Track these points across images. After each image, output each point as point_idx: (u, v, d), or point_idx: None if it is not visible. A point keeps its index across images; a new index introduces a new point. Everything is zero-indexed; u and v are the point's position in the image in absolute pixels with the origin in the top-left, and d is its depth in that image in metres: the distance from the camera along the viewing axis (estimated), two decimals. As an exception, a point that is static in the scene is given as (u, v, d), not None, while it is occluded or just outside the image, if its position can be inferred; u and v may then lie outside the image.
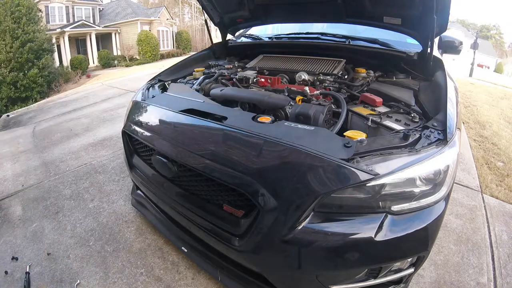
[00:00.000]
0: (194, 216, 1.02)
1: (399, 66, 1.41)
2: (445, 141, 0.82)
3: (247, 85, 1.43)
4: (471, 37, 23.72)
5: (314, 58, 1.55)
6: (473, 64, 15.02)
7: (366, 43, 1.56)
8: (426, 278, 1.29)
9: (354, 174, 0.73)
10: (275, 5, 1.67)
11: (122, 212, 1.68)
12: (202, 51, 2.05)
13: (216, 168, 0.90)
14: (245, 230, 0.88)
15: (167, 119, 1.13)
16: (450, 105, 0.98)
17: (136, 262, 1.33)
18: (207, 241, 1.03)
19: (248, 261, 0.93)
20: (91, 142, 2.78)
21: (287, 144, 0.81)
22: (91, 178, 2.07)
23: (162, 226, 1.34)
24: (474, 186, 2.20)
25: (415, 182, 0.77)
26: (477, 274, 1.34)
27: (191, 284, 1.23)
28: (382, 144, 0.81)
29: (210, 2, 1.75)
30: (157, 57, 14.35)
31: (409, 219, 0.79)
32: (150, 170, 1.23)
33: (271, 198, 0.78)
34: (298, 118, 1.01)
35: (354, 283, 0.86)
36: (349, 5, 1.40)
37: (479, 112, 4.81)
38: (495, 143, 3.23)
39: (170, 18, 18.09)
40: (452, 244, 1.51)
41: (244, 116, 0.99)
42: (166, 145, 1.04)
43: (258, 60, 1.71)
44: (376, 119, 0.98)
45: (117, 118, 3.53)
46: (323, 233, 0.77)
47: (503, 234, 1.64)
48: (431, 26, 1.11)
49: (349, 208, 0.78)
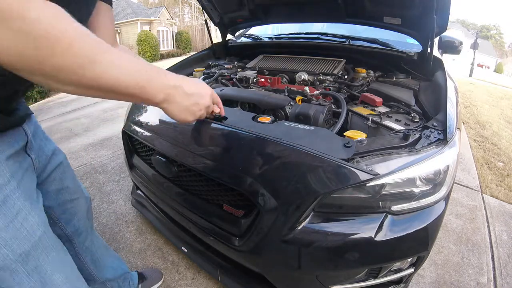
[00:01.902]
0: (194, 216, 1.02)
1: (399, 66, 1.41)
2: (445, 141, 0.82)
3: (247, 85, 1.43)
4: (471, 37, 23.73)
5: (314, 58, 1.55)
6: (473, 64, 15.04)
7: (366, 43, 1.56)
8: (426, 278, 1.29)
9: (354, 174, 0.73)
10: (275, 5, 1.66)
11: (122, 212, 1.68)
12: (202, 51, 2.04)
13: (216, 168, 0.90)
14: (245, 230, 0.88)
15: (167, 119, 1.12)
16: (450, 105, 0.97)
17: (136, 262, 1.33)
18: (207, 241, 1.03)
19: (248, 261, 0.93)
20: (91, 142, 2.78)
21: (287, 144, 0.81)
22: (91, 178, 2.07)
23: (162, 226, 1.34)
24: (474, 186, 2.20)
25: (415, 182, 0.77)
26: (477, 274, 1.34)
27: (191, 284, 1.23)
28: (382, 144, 0.81)
29: (210, 2, 1.75)
30: (157, 57, 14.34)
31: (409, 219, 0.79)
32: (150, 170, 1.23)
33: (271, 198, 0.78)
34: (298, 118, 1.01)
35: (354, 283, 0.86)
36: (349, 5, 1.39)
37: (479, 112, 4.81)
38: (495, 143, 3.23)
39: (170, 18, 18.09)
40: (452, 244, 1.52)
41: (244, 116, 0.99)
42: (166, 145, 1.04)
43: (258, 60, 1.71)
44: (376, 119, 0.98)
45: (117, 118, 3.53)
46: (323, 233, 0.77)
47: (503, 234, 1.65)
48: (431, 26, 1.11)
49: (349, 208, 0.78)
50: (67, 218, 0.78)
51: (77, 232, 0.82)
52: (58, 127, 3.31)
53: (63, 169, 0.76)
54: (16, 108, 0.56)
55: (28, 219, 0.50)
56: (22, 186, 0.51)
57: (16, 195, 0.49)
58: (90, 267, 0.89)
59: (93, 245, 0.90)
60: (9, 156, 0.50)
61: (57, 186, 0.73)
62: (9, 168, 0.49)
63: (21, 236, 0.48)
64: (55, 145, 0.75)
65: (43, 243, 0.52)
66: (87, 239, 0.87)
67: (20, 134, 0.56)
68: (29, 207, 0.50)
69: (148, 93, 0.46)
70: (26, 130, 0.59)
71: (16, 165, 0.52)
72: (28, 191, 0.53)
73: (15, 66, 0.33)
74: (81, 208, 0.83)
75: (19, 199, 0.49)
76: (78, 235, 0.83)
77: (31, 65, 0.34)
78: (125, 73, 0.41)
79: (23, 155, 0.57)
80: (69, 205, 0.78)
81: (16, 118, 0.54)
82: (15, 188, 0.49)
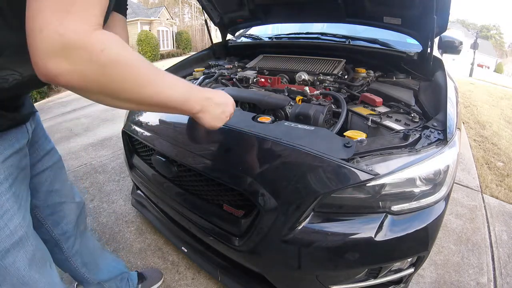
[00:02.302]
0: (194, 216, 1.02)
1: (399, 66, 1.41)
2: (445, 141, 0.82)
3: (247, 85, 1.43)
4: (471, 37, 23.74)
5: (314, 58, 1.54)
6: (473, 64, 15.04)
7: (366, 43, 1.56)
8: (426, 278, 1.29)
9: (354, 174, 0.73)
10: (275, 5, 1.66)
11: (122, 212, 1.68)
12: (202, 51, 2.04)
13: (216, 168, 0.90)
14: (245, 230, 0.88)
15: (167, 119, 1.12)
16: (450, 105, 0.97)
17: (136, 262, 1.33)
18: (207, 241, 1.03)
19: (248, 261, 0.93)
20: (91, 142, 2.78)
21: (287, 144, 0.81)
22: (91, 178, 2.07)
23: (162, 226, 1.34)
24: (474, 186, 2.20)
25: (415, 182, 0.77)
26: (477, 274, 1.34)
27: (191, 284, 1.23)
28: (382, 144, 0.81)
29: (210, 2, 1.75)
30: (157, 57, 14.33)
31: (409, 219, 0.79)
32: (150, 170, 1.23)
33: (271, 198, 0.78)
34: (298, 118, 1.01)
35: (354, 283, 0.86)
36: (349, 5, 1.39)
37: (479, 112, 4.81)
38: (495, 143, 3.23)
39: (170, 18, 18.08)
40: (452, 244, 1.52)
41: (244, 116, 0.99)
42: (166, 145, 1.04)
43: (258, 60, 1.71)
44: (376, 119, 0.98)
45: (117, 118, 3.53)
46: (323, 233, 0.77)
47: (503, 234, 1.65)
48: (431, 26, 1.11)
49: (349, 208, 0.78)
50: (54, 220, 0.78)
51: (65, 236, 0.82)
52: (58, 127, 3.31)
53: (57, 170, 0.77)
54: (21, 104, 0.58)
55: (13, 220, 0.53)
56: (14, 186, 0.54)
57: (6, 197, 0.52)
58: (81, 270, 0.89)
59: (84, 248, 0.89)
60: (7, 156, 0.52)
61: (48, 188, 0.74)
62: (5, 170, 0.52)
63: (4, 235, 0.52)
64: (54, 145, 0.77)
65: (23, 243, 0.56)
66: (76, 243, 0.86)
67: (23, 133, 0.58)
68: (16, 209, 0.54)
69: (189, 106, 0.54)
70: (28, 128, 0.61)
71: (14, 165, 0.54)
72: (19, 192, 0.56)
73: (86, 88, 0.39)
74: (71, 212, 0.82)
75: (8, 200, 0.52)
76: (66, 239, 0.82)
77: (98, 87, 0.39)
78: (176, 92, 0.50)
79: (22, 153, 0.58)
80: (58, 207, 0.78)
81: (21, 116, 0.56)
82: (6, 190, 0.52)
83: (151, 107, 0.48)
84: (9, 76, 0.46)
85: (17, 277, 0.55)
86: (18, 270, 0.55)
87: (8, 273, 0.54)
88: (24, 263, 0.56)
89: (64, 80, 0.36)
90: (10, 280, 0.55)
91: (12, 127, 0.53)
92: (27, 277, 0.57)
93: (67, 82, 0.36)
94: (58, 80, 0.35)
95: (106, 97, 0.42)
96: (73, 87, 0.38)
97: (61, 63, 0.34)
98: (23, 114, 0.58)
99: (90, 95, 0.41)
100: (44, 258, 0.64)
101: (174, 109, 0.51)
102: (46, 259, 0.65)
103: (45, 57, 0.33)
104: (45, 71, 0.34)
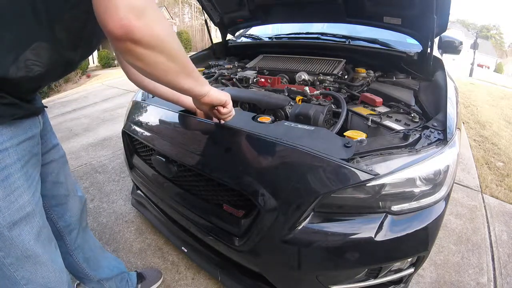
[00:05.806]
0: (194, 216, 1.02)
1: (399, 66, 1.41)
2: (445, 141, 0.82)
3: (247, 85, 1.43)
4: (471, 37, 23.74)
5: (314, 58, 1.55)
6: (473, 64, 15.04)
7: (366, 43, 1.56)
8: (426, 278, 1.29)
9: (354, 174, 0.73)
10: (275, 5, 1.66)
11: (122, 212, 1.68)
12: (202, 51, 2.05)
13: (215, 168, 0.90)
14: (245, 230, 0.88)
15: (167, 119, 1.13)
16: (450, 105, 0.97)
17: (136, 262, 1.33)
18: (207, 241, 1.03)
19: (248, 261, 0.93)
20: (91, 142, 2.78)
21: (287, 144, 0.81)
22: (91, 178, 2.07)
23: (162, 226, 1.34)
24: (474, 186, 2.20)
25: (415, 182, 0.77)
26: (477, 274, 1.34)
27: (191, 284, 1.23)
28: (382, 144, 0.81)
29: (210, 2, 1.75)
30: (157, 57, 14.32)
31: (409, 219, 0.79)
32: (150, 170, 1.23)
33: (271, 198, 0.78)
34: (298, 118, 1.01)
35: (354, 283, 0.86)
36: (349, 5, 1.40)
37: (479, 112, 4.81)
38: (495, 143, 3.23)
39: (170, 18, 18.08)
40: (452, 244, 1.52)
41: (244, 116, 0.99)
42: (166, 145, 1.04)
43: (258, 60, 1.71)
44: (376, 119, 0.98)
45: (117, 118, 3.53)
46: (323, 233, 0.77)
47: (503, 234, 1.65)
48: (431, 26, 1.11)
49: (349, 208, 0.78)
50: (60, 211, 0.81)
51: (68, 228, 0.84)
52: (58, 127, 3.31)
53: (62, 164, 0.81)
54: (35, 98, 0.65)
55: (23, 196, 0.58)
56: (26, 167, 0.58)
57: (18, 175, 0.56)
58: (82, 265, 0.91)
59: (86, 243, 0.92)
60: (21, 141, 0.57)
61: (54, 179, 0.78)
62: (18, 152, 0.56)
63: (13, 208, 0.56)
64: (59, 141, 0.81)
65: (30, 218, 0.60)
66: (78, 237, 0.88)
67: (36, 123, 0.63)
68: (26, 187, 0.58)
69: (202, 90, 0.68)
70: (40, 120, 0.66)
71: (27, 149, 0.59)
72: (30, 173, 0.60)
73: (154, 44, 0.47)
74: (75, 205, 0.86)
75: (20, 179, 0.57)
76: (69, 232, 0.85)
77: (161, 46, 0.48)
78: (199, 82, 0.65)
79: (35, 141, 0.62)
80: (63, 199, 0.81)
81: (35, 108, 0.62)
82: (19, 169, 0.56)
83: (176, 89, 0.61)
84: (34, 66, 0.51)
85: (21, 249, 0.58)
86: (23, 242, 0.58)
87: (13, 245, 0.57)
88: (29, 237, 0.59)
89: (139, 34, 0.43)
90: (15, 252, 0.58)
91: (27, 117, 0.58)
92: (31, 250, 0.60)
93: (142, 37, 0.44)
94: (132, 34, 0.43)
95: (165, 58, 0.50)
96: (144, 42, 0.45)
97: (137, 20, 0.42)
98: (36, 107, 0.63)
99: (154, 55, 0.48)
100: (50, 238, 0.67)
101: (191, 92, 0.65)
102: (51, 239, 0.68)
103: (126, 13, 0.41)
104: (126, 24, 0.41)
